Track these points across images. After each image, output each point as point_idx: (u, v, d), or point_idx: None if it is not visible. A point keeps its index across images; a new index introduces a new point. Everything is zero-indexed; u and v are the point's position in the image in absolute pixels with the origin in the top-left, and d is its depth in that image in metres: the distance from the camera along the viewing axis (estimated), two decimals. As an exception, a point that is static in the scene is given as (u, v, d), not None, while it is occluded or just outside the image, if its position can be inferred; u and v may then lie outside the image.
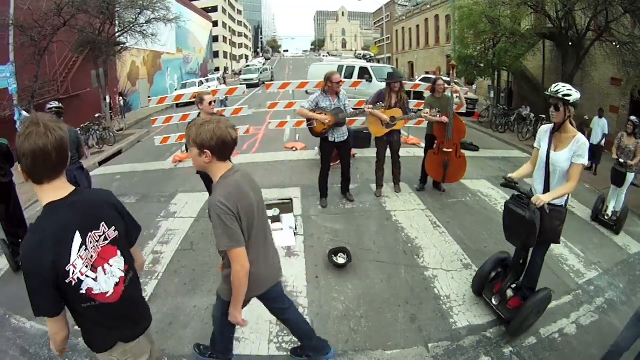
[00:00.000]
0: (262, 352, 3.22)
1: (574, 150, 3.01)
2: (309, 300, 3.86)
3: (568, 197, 3.17)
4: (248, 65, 50.10)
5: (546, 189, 3.17)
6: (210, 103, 4.81)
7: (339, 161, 6.41)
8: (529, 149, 11.32)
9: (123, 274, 1.78)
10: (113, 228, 1.75)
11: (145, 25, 15.96)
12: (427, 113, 6.36)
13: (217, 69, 53.62)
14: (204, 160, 2.12)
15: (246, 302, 2.42)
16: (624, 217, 6.13)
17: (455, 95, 6.36)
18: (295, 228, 5.38)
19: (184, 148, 9.28)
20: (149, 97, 13.46)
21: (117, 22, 15.47)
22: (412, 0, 48.84)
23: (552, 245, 5.03)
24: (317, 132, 5.73)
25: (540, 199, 2.94)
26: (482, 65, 15.64)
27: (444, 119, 6.28)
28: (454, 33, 18.33)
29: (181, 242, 5.25)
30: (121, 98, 20.95)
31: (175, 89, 27.43)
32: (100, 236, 1.70)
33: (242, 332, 3.42)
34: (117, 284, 1.74)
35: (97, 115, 14.32)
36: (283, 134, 11.34)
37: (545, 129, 3.30)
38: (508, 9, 13.88)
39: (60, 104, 5.42)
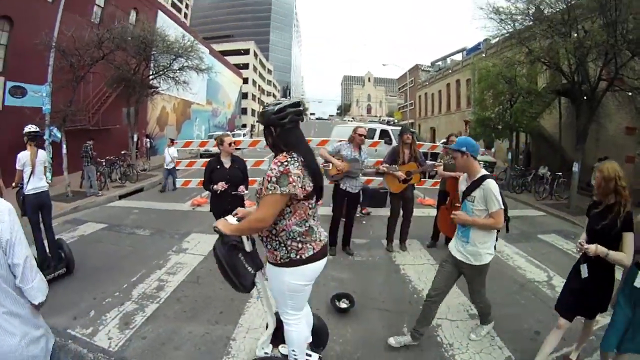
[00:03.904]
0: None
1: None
2: (307, 339, 3.78)
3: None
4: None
5: None
6: (229, 144, 5.02)
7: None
8: (544, 207, 11.36)
9: None
10: None
11: (178, 71, 16.84)
12: (440, 164, 6.47)
13: (244, 125, 55.47)
14: None
15: None
16: None
17: None
18: (302, 274, 5.35)
19: (203, 193, 9.51)
20: (175, 140, 13.95)
21: (152, 65, 16.33)
22: (434, 66, 50.58)
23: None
24: (331, 174, 6.07)
25: None
26: (499, 127, 15.81)
27: (458, 174, 6.34)
28: (474, 95, 18.77)
29: (188, 275, 5.37)
30: (148, 140, 21.75)
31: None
32: None
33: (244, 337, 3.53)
34: None
35: (122, 152, 14.88)
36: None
37: None
38: (524, 67, 14.21)
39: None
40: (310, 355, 2.98)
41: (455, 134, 7.19)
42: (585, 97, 11.25)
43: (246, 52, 71.88)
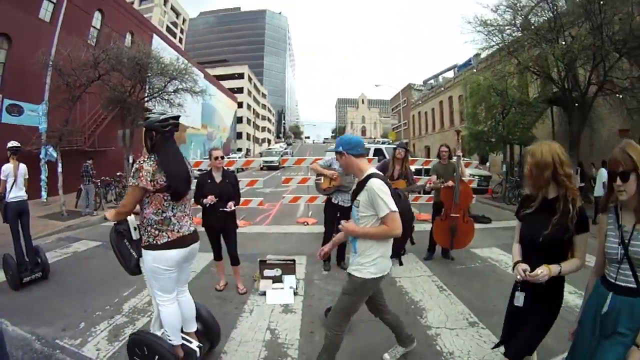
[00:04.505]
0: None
1: None
2: (300, 352, 3.67)
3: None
4: (270, 149, 51.99)
5: None
6: (215, 158, 5.00)
7: None
8: None
9: None
10: None
11: (172, 94, 16.91)
12: (432, 183, 6.50)
13: (240, 149, 55.60)
14: None
15: None
16: None
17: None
18: (296, 288, 5.28)
19: (199, 213, 9.48)
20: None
21: (146, 87, 16.42)
22: (426, 84, 51.16)
23: (568, 297, 4.80)
24: (323, 188, 6.08)
25: None
26: (493, 140, 15.89)
27: (450, 183, 6.36)
28: (467, 110, 18.97)
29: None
30: (143, 162, 21.66)
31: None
32: None
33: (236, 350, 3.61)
34: None
35: (118, 174, 14.82)
36: (297, 210, 11.60)
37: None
38: (514, 78, 14.41)
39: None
40: (190, 342, 3.20)
41: (447, 144, 7.22)
42: (576, 104, 11.37)
43: (240, 76, 72.59)
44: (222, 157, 5.19)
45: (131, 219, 3.07)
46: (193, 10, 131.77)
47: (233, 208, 5.00)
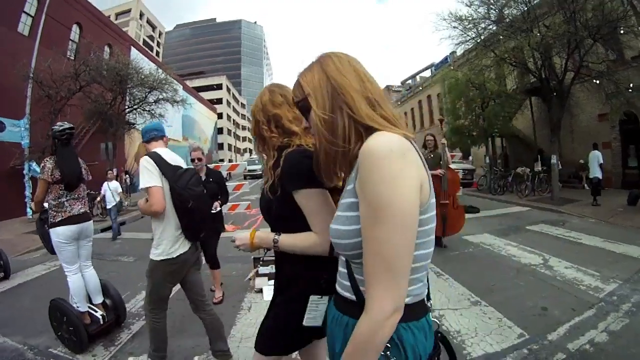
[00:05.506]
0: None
1: None
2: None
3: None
4: (252, 158, 51.83)
5: None
6: (192, 160, 4.84)
7: None
8: (528, 203, 11.70)
9: None
10: None
11: (153, 104, 16.73)
12: None
13: (222, 160, 55.15)
14: None
15: None
16: None
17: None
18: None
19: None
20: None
21: (127, 99, 16.20)
22: (405, 85, 51.57)
23: (565, 271, 5.11)
24: None
25: None
26: (474, 133, 16.04)
27: (439, 171, 6.41)
28: (446, 106, 19.12)
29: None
30: (127, 176, 21.30)
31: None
32: None
33: (237, 346, 3.39)
34: None
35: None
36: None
37: None
38: (492, 72, 14.59)
39: None
40: (95, 311, 3.87)
41: (432, 133, 7.36)
42: (554, 93, 11.54)
43: (219, 87, 72.32)
44: (200, 159, 4.93)
45: None
46: (169, 23, 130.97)
47: (219, 208, 4.86)
